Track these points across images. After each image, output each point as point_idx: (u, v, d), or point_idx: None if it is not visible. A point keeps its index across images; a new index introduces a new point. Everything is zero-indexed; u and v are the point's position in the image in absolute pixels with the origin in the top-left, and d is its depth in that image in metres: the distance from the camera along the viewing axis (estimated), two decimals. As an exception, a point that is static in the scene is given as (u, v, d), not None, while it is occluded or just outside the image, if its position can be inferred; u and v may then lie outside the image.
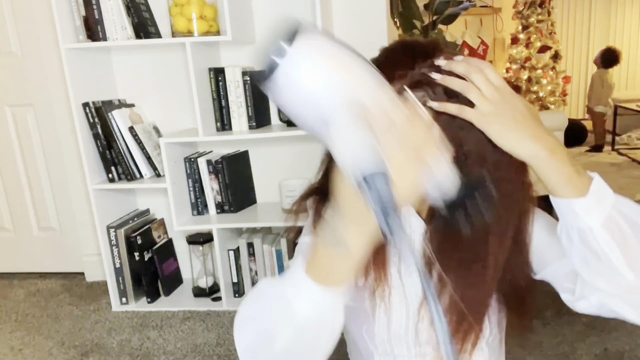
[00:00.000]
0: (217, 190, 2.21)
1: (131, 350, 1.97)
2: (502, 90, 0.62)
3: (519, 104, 0.63)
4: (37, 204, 2.65)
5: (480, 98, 0.62)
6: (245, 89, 2.11)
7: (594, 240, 0.62)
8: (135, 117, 2.25)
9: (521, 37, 5.77)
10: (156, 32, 2.21)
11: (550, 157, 0.62)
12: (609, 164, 4.75)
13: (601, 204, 0.63)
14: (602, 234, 0.62)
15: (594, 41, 6.80)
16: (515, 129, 0.62)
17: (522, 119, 0.62)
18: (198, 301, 2.30)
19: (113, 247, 2.22)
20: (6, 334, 2.14)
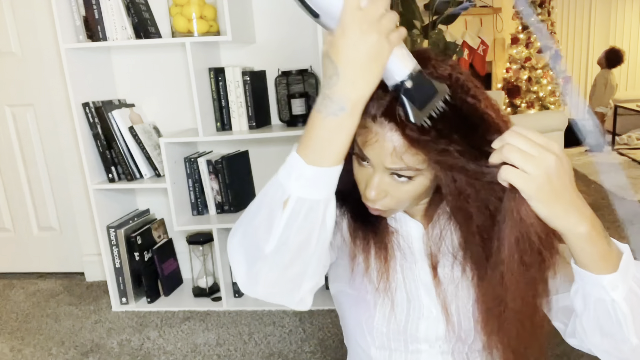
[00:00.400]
0: (217, 190, 2.21)
1: (131, 351, 1.97)
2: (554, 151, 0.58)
3: (567, 179, 0.59)
4: (37, 204, 2.65)
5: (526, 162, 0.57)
6: (245, 89, 2.11)
7: (612, 311, 0.62)
8: (135, 117, 2.25)
9: (521, 37, 5.77)
10: (156, 32, 2.21)
11: (589, 232, 0.60)
12: (609, 164, 4.75)
13: (626, 277, 0.62)
14: (623, 307, 0.62)
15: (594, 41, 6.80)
16: (560, 200, 0.58)
17: (569, 190, 0.59)
18: (198, 301, 2.30)
19: (113, 247, 2.22)
20: (6, 334, 2.14)
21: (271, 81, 2.23)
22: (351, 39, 0.54)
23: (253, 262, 0.60)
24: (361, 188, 0.74)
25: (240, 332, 2.05)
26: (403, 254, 0.81)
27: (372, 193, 0.70)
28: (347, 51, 0.55)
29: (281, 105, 2.18)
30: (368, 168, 0.71)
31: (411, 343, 0.81)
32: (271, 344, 1.95)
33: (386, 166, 0.68)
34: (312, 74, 2.13)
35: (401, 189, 0.70)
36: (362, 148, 0.69)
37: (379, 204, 0.72)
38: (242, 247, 0.62)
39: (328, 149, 0.57)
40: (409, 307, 0.80)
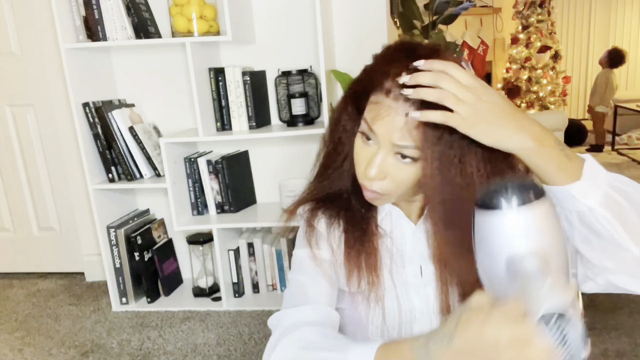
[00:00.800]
0: (217, 190, 2.21)
1: (131, 350, 1.97)
2: (475, 88, 0.62)
3: (496, 98, 0.62)
4: (37, 204, 2.65)
5: (457, 103, 0.61)
6: (245, 89, 2.11)
7: (595, 220, 0.62)
8: (135, 117, 2.25)
9: (521, 37, 5.77)
10: (156, 32, 2.21)
11: (538, 146, 0.62)
12: (609, 164, 4.75)
13: (596, 184, 0.62)
14: (602, 212, 0.62)
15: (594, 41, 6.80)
16: (497, 124, 0.61)
17: (502, 112, 0.62)
18: (198, 301, 2.30)
19: (113, 247, 2.22)
20: (6, 334, 2.14)
21: (271, 81, 2.23)
22: (487, 343, 0.48)
23: None
24: (361, 167, 0.73)
25: (240, 332, 2.05)
26: (393, 259, 0.80)
27: (372, 171, 0.70)
28: (478, 347, 0.49)
29: (281, 105, 2.18)
30: (372, 147, 0.71)
31: None
32: (271, 344, 1.95)
33: (394, 142, 0.68)
34: (312, 74, 2.14)
35: (402, 171, 0.70)
36: (372, 123, 0.69)
37: (377, 185, 0.72)
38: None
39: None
40: (400, 312, 0.80)
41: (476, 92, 0.62)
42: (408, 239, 0.82)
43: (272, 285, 2.31)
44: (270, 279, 2.30)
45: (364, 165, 0.72)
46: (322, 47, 1.93)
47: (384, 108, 0.67)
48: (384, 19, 2.18)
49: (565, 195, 0.63)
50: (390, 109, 0.67)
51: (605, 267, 0.66)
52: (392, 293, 0.80)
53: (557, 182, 0.62)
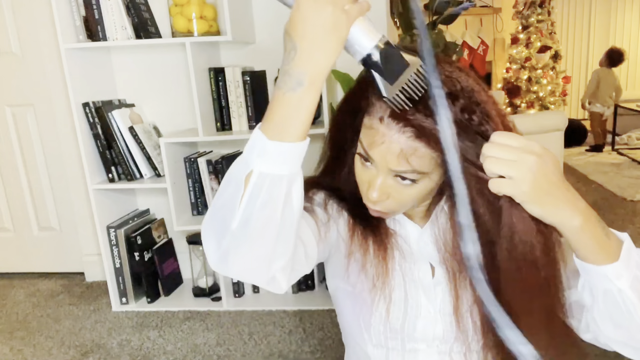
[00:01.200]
0: (217, 190, 2.20)
1: (131, 350, 1.97)
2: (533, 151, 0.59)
3: (556, 174, 0.59)
4: (37, 204, 2.65)
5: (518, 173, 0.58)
6: (245, 89, 2.11)
7: (621, 300, 0.62)
8: (135, 117, 2.25)
9: (521, 37, 5.77)
10: (156, 32, 2.21)
11: (584, 224, 0.60)
12: (609, 164, 4.75)
13: (629, 265, 0.62)
14: (630, 295, 0.62)
15: (594, 41, 6.80)
16: (551, 196, 0.59)
17: (558, 186, 0.60)
18: (198, 301, 2.30)
19: (113, 247, 2.22)
20: (6, 334, 2.14)
21: (271, 81, 2.23)
22: (305, 12, 0.55)
23: (221, 238, 0.59)
24: (363, 189, 0.73)
25: (240, 332, 2.05)
26: (402, 254, 0.81)
27: (374, 194, 0.70)
28: (302, 25, 0.55)
29: (281, 105, 2.18)
30: (371, 169, 0.70)
31: (408, 342, 0.81)
32: (271, 344, 1.95)
33: (391, 168, 0.67)
34: (312, 74, 2.13)
35: (404, 191, 0.70)
36: (368, 149, 0.69)
37: (380, 206, 0.72)
38: (211, 225, 0.61)
39: (289, 124, 0.57)
40: (406, 306, 0.80)
41: (528, 157, 0.58)
42: (413, 240, 0.82)
43: (272, 285, 2.31)
44: (270, 279, 2.29)
45: (366, 187, 0.72)
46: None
47: (378, 135, 0.67)
48: (384, 19, 2.18)
49: (598, 274, 0.62)
50: (384, 136, 0.66)
51: (614, 338, 0.67)
52: (401, 285, 0.80)
53: (595, 261, 0.62)
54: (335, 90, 2.14)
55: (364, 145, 0.69)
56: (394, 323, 0.80)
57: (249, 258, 0.60)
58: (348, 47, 0.59)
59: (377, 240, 0.80)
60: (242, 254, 0.59)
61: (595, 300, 0.65)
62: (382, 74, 0.60)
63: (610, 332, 0.67)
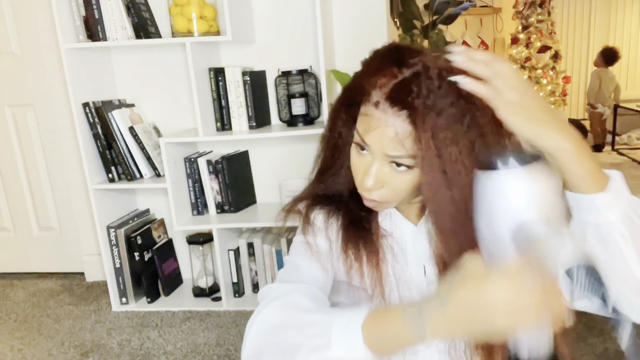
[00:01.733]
0: (217, 190, 2.21)
1: (131, 350, 1.97)
2: (525, 86, 0.63)
3: (542, 101, 0.63)
4: (37, 204, 2.65)
5: (507, 86, 0.62)
6: (245, 89, 2.11)
7: (611, 235, 0.62)
8: (135, 117, 2.25)
9: (521, 37, 5.76)
10: (156, 32, 2.21)
11: (575, 149, 0.62)
12: (609, 164, 4.75)
13: (620, 199, 0.63)
14: (621, 229, 0.62)
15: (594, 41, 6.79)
16: (540, 120, 0.61)
17: (545, 111, 0.62)
18: (198, 301, 2.30)
19: (113, 247, 2.22)
20: (6, 334, 2.14)
21: (271, 81, 2.23)
22: (496, 296, 0.49)
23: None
24: (358, 178, 0.73)
25: (240, 332, 2.05)
26: (395, 257, 0.81)
27: (369, 181, 0.70)
28: (474, 309, 0.51)
29: (281, 105, 2.18)
30: (367, 157, 0.71)
31: None
32: (271, 344, 1.95)
33: (386, 153, 0.68)
34: (312, 74, 2.13)
35: (399, 179, 0.70)
36: (363, 135, 0.69)
37: (375, 194, 0.72)
38: (259, 345, 0.65)
39: (388, 345, 0.58)
40: None
41: (525, 89, 0.62)
42: (408, 239, 0.82)
43: (272, 285, 2.31)
44: (271, 279, 2.29)
45: (361, 176, 0.72)
46: (322, 47, 1.93)
47: (373, 120, 0.67)
48: (384, 19, 2.18)
49: (588, 204, 0.63)
50: (379, 121, 0.67)
51: (606, 285, 0.67)
52: (395, 290, 0.80)
53: (585, 189, 0.62)
54: (335, 90, 2.14)
55: (360, 132, 0.70)
56: None
57: None
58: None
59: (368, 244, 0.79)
60: None
61: (585, 239, 0.65)
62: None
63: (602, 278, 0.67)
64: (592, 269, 0.52)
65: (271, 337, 0.64)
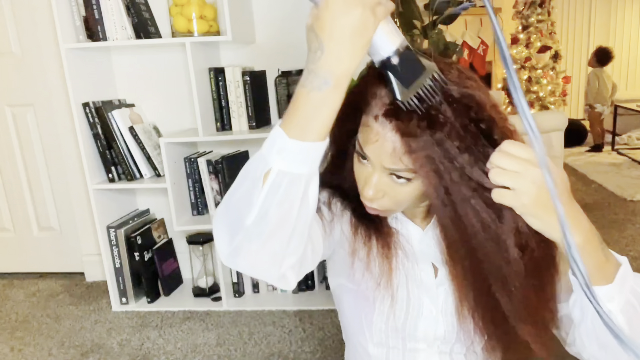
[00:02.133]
0: (217, 191, 2.21)
1: (131, 350, 1.97)
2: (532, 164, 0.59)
3: (556, 179, 0.58)
4: (37, 204, 2.65)
5: (519, 185, 0.58)
6: (245, 89, 2.11)
7: (609, 321, 0.62)
8: (135, 117, 2.25)
9: (521, 37, 5.77)
10: (156, 32, 2.21)
11: (584, 244, 0.60)
12: (609, 164, 4.75)
13: (623, 289, 0.62)
14: (619, 318, 0.62)
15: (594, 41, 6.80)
16: (553, 212, 0.56)
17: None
18: (198, 301, 2.30)
19: (113, 247, 2.22)
20: (6, 334, 2.14)
21: (271, 81, 2.23)
22: (335, 12, 0.54)
23: (235, 233, 0.59)
24: (360, 186, 0.74)
25: (240, 332, 2.05)
26: (405, 254, 0.81)
27: (369, 192, 0.70)
28: (332, 24, 0.54)
29: (281, 105, 2.18)
30: (367, 166, 0.71)
31: (409, 341, 0.81)
32: (271, 344, 1.95)
33: (385, 166, 0.68)
34: (312, 74, 2.13)
35: (399, 190, 0.70)
36: (363, 147, 0.69)
37: (377, 204, 0.72)
38: (225, 219, 0.61)
39: (311, 123, 0.56)
40: (409, 306, 0.80)
41: (533, 171, 0.58)
42: (415, 241, 0.82)
43: (272, 285, 2.31)
44: (270, 279, 2.29)
45: (362, 184, 0.72)
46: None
47: (372, 133, 0.67)
48: (384, 19, 2.17)
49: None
50: (378, 134, 0.67)
51: (597, 357, 0.68)
52: (404, 284, 0.80)
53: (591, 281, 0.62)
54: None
55: (360, 143, 0.70)
56: (395, 322, 0.80)
57: (261, 254, 0.60)
58: (370, 48, 0.59)
59: (380, 238, 0.80)
60: (255, 251, 0.59)
61: (584, 318, 0.65)
62: (399, 77, 0.60)
63: (595, 351, 0.67)
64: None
65: (228, 199, 0.61)
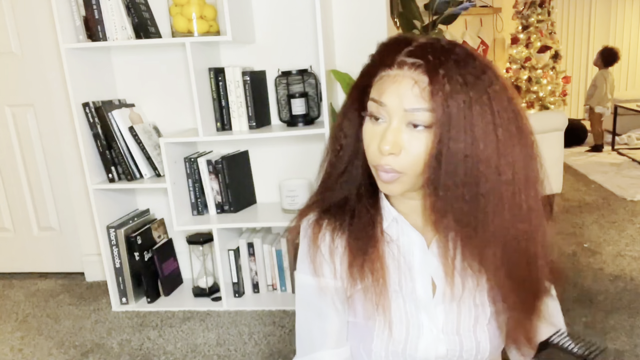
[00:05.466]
0: (217, 190, 2.21)
1: (131, 350, 1.97)
2: None
3: None
4: (37, 204, 2.65)
5: None
6: (245, 89, 2.11)
7: None
8: (135, 117, 2.25)
9: (521, 37, 5.77)
10: (156, 32, 2.21)
11: None
12: (609, 164, 4.75)
13: None
14: None
15: (594, 41, 6.80)
16: None
17: None
18: (198, 301, 2.30)
19: (113, 247, 2.22)
20: (6, 334, 2.14)
21: (271, 81, 2.23)
22: None
23: None
24: (373, 148, 0.71)
25: (240, 332, 2.05)
26: (401, 270, 0.79)
27: (387, 145, 0.68)
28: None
29: (281, 105, 2.18)
30: (382, 125, 0.70)
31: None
32: (271, 344, 1.95)
33: (405, 107, 0.67)
34: (312, 74, 2.14)
35: (417, 143, 0.68)
36: (380, 97, 0.69)
37: (393, 161, 0.69)
38: None
39: None
40: (408, 327, 0.79)
41: None
42: (416, 250, 0.79)
43: (272, 285, 2.31)
44: (270, 278, 2.30)
45: (376, 144, 0.70)
46: (322, 47, 1.93)
47: (389, 78, 0.69)
48: (384, 19, 2.18)
49: None
50: (396, 77, 0.68)
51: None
52: (400, 305, 0.79)
53: None
54: (335, 90, 2.14)
55: (375, 98, 0.70)
56: (395, 346, 0.79)
57: None
58: None
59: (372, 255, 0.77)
60: None
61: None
62: None
63: None
64: None
65: None
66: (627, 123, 5.65)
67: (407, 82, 0.67)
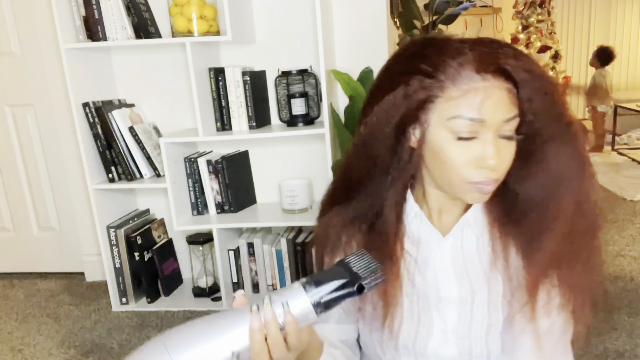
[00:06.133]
0: (217, 190, 2.21)
1: (131, 350, 1.96)
2: None
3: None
4: (37, 204, 2.65)
5: None
6: (245, 89, 2.11)
7: None
8: (135, 117, 2.25)
9: (521, 37, 5.77)
10: (156, 32, 2.21)
11: None
12: (609, 164, 4.74)
13: None
14: None
15: (594, 41, 6.79)
16: None
17: None
18: (198, 301, 2.30)
19: (113, 247, 2.22)
20: (6, 334, 2.14)
21: (271, 81, 2.23)
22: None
23: None
24: (471, 170, 0.68)
25: (240, 332, 2.04)
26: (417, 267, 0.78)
27: (492, 162, 0.67)
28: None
29: (281, 105, 2.18)
30: (475, 143, 0.67)
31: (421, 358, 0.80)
32: (271, 344, 1.95)
33: (503, 118, 0.66)
34: (312, 74, 2.13)
35: (510, 152, 0.69)
36: (478, 112, 0.65)
37: (494, 174, 0.69)
38: None
39: None
40: (419, 324, 0.78)
41: None
42: (434, 248, 0.79)
43: (272, 285, 2.31)
44: (270, 278, 2.29)
45: (477, 163, 0.68)
46: (322, 47, 1.93)
47: (479, 92, 0.65)
48: (384, 19, 2.18)
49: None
50: (486, 89, 0.65)
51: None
52: (413, 300, 0.79)
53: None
54: (335, 90, 2.14)
55: (473, 116, 0.66)
56: (405, 340, 0.79)
57: None
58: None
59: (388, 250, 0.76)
60: None
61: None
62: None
63: None
64: None
65: None
66: (627, 123, 5.65)
67: (500, 94, 0.65)
